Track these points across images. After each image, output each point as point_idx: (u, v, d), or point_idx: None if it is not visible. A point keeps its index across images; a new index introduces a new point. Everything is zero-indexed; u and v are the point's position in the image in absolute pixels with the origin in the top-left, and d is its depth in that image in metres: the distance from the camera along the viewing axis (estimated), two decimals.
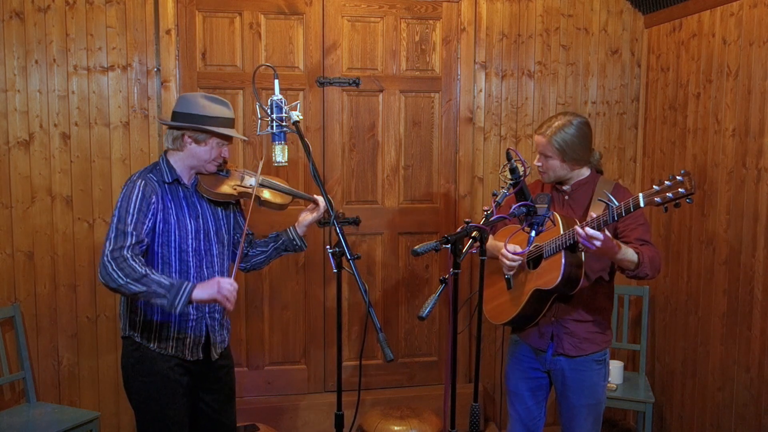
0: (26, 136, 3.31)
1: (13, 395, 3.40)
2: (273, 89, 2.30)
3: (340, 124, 3.64)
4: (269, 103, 2.27)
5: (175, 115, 2.36)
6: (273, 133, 2.29)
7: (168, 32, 3.39)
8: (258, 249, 2.63)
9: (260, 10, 3.51)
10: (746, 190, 2.99)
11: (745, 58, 2.99)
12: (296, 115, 2.28)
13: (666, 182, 2.11)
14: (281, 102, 2.26)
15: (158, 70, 3.41)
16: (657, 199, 2.11)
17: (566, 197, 2.55)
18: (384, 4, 3.61)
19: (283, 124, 2.27)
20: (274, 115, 2.26)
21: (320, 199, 2.52)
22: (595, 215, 2.23)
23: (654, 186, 2.14)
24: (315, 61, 3.56)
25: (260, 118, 2.31)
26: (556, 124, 2.45)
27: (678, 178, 2.09)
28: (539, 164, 2.51)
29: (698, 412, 3.36)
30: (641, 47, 3.83)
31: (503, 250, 2.42)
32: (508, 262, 2.43)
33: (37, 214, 3.35)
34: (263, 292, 3.65)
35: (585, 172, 2.55)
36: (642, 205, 2.12)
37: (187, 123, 2.32)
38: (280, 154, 2.30)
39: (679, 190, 2.07)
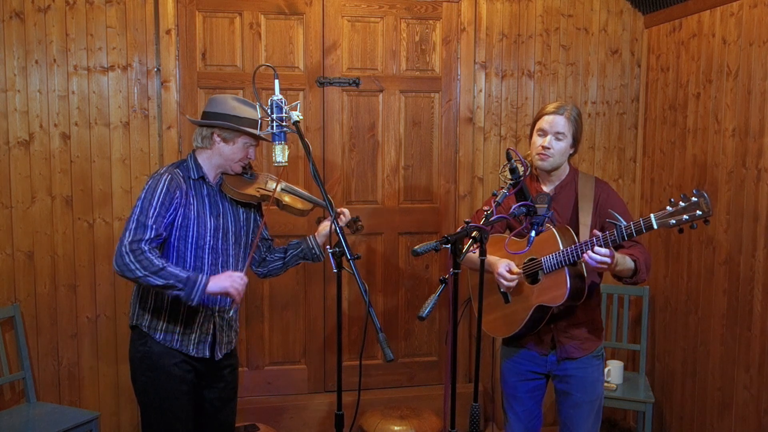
0: (26, 136, 3.31)
1: (13, 395, 3.40)
2: (273, 89, 2.30)
3: (340, 124, 3.64)
4: (269, 103, 2.27)
5: (206, 115, 2.42)
6: (273, 133, 2.29)
7: (168, 32, 3.39)
8: (276, 255, 2.65)
9: (260, 10, 3.51)
10: (746, 190, 2.99)
11: (745, 58, 2.99)
12: (296, 115, 2.27)
13: (680, 203, 2.08)
14: (281, 102, 2.26)
15: (158, 70, 3.41)
16: (671, 221, 2.08)
17: (552, 198, 2.52)
18: (384, 4, 3.61)
19: (283, 124, 2.27)
20: (275, 115, 2.26)
21: (343, 210, 2.54)
22: (600, 234, 2.20)
23: (667, 207, 2.11)
24: (315, 61, 3.56)
25: (260, 118, 2.31)
26: (569, 106, 2.45)
27: (693, 199, 2.06)
28: (548, 146, 2.41)
29: (698, 412, 3.36)
30: (641, 47, 3.83)
31: (500, 270, 2.38)
32: (505, 283, 2.39)
33: (37, 214, 3.35)
34: (263, 292, 3.65)
35: (566, 168, 2.53)
36: (655, 227, 2.10)
37: (218, 121, 2.37)
38: (280, 154, 2.30)
39: (696, 212, 2.05)
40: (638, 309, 3.80)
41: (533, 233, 2.15)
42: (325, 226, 2.58)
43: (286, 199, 2.54)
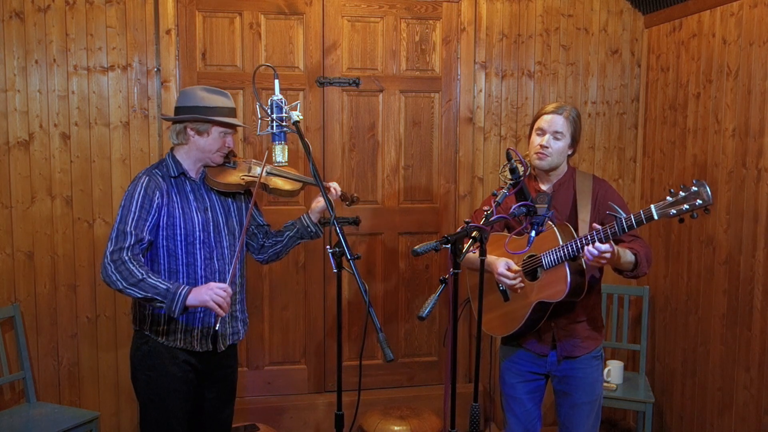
0: (26, 136, 3.31)
1: (13, 395, 3.40)
2: (273, 89, 2.30)
3: (340, 124, 3.64)
4: (269, 103, 2.27)
5: (177, 110, 2.40)
6: (273, 133, 2.29)
7: (168, 32, 3.39)
8: (273, 239, 2.63)
9: (260, 10, 3.51)
10: (746, 190, 2.99)
11: (745, 58, 2.99)
12: (296, 115, 2.28)
13: (680, 193, 2.08)
14: (281, 102, 2.26)
15: (158, 70, 3.41)
16: (672, 211, 2.08)
17: (552, 198, 2.51)
18: (384, 4, 3.61)
19: (283, 124, 2.27)
20: (274, 115, 2.26)
21: (332, 184, 2.53)
22: (600, 227, 2.20)
23: (667, 198, 2.10)
24: (315, 61, 3.56)
25: (260, 118, 2.31)
26: (568, 106, 2.46)
27: (693, 188, 2.06)
28: (546, 145, 2.42)
29: (698, 412, 3.36)
30: (641, 47, 3.83)
31: (500, 269, 2.38)
32: (509, 282, 2.39)
33: (37, 214, 3.35)
34: (263, 292, 3.65)
35: (564, 167, 2.53)
36: (656, 217, 2.09)
37: (187, 115, 2.35)
38: (280, 154, 2.30)
39: (696, 201, 2.05)
40: (638, 309, 3.80)
41: (533, 233, 2.14)
42: (318, 202, 2.56)
43: (274, 181, 2.51)
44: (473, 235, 2.04)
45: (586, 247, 2.19)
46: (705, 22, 3.27)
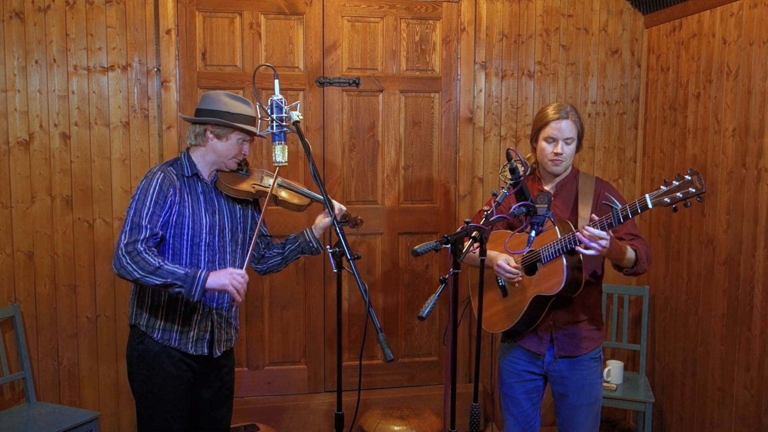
0: (26, 136, 3.31)
1: (13, 395, 3.40)
2: (273, 89, 2.30)
3: (340, 124, 3.64)
4: (269, 103, 2.27)
5: (198, 112, 2.41)
6: (273, 133, 2.29)
7: (168, 32, 3.39)
8: (274, 251, 2.64)
9: (260, 10, 3.51)
10: (746, 190, 2.99)
11: (745, 58, 2.99)
12: (296, 115, 2.28)
13: (674, 182, 2.09)
14: (281, 102, 2.27)
15: (158, 70, 3.41)
16: (666, 199, 2.09)
17: (552, 198, 2.52)
18: (384, 4, 3.61)
19: (283, 124, 2.28)
20: (275, 115, 2.27)
21: (335, 203, 2.52)
22: (597, 218, 2.21)
23: (661, 186, 2.12)
24: (315, 61, 3.56)
25: (260, 118, 2.32)
26: (568, 106, 2.47)
27: (686, 177, 2.08)
28: (560, 152, 2.43)
29: (698, 412, 3.36)
30: (641, 47, 3.83)
31: (499, 261, 2.39)
32: (507, 275, 2.39)
33: (37, 214, 3.35)
34: (263, 292, 3.65)
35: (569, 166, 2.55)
36: (650, 206, 2.11)
37: (210, 118, 2.36)
38: (280, 154, 2.30)
39: (690, 189, 2.06)
40: (638, 309, 3.80)
41: (533, 233, 2.15)
42: (321, 219, 2.58)
43: (283, 194, 2.53)
44: (473, 234, 2.04)
45: (578, 233, 2.20)
46: (705, 22, 3.27)
